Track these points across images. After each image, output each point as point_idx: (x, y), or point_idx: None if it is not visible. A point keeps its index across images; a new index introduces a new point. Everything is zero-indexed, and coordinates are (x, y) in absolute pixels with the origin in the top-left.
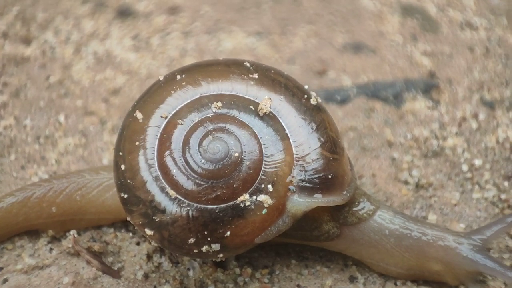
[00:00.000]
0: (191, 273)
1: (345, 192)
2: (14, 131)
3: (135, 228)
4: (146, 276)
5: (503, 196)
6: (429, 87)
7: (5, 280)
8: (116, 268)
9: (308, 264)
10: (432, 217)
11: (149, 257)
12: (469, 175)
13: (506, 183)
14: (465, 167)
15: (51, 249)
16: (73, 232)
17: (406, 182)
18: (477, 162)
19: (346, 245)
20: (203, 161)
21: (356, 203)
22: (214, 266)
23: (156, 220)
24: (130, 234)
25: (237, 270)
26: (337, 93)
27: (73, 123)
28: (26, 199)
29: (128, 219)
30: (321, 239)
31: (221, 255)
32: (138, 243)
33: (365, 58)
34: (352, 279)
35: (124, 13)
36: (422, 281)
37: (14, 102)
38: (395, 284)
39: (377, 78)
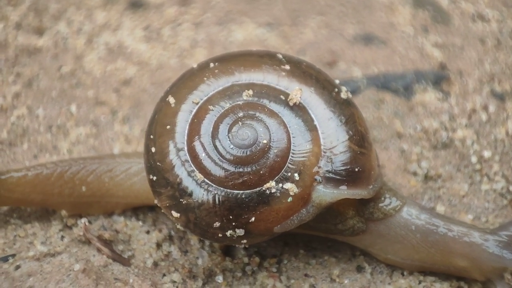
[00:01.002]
0: (200, 261)
1: (371, 187)
2: (27, 121)
3: (162, 211)
4: (155, 264)
5: (511, 188)
6: (439, 79)
7: (18, 267)
8: (126, 256)
9: (316, 254)
10: (440, 208)
11: (158, 245)
12: (478, 166)
13: None
14: (474, 159)
15: (62, 237)
16: (84, 220)
17: (415, 174)
18: (486, 153)
19: (372, 240)
20: (231, 146)
21: (383, 199)
22: (223, 255)
23: (183, 202)
24: (140, 223)
25: (245, 259)
26: (347, 84)
27: (84, 113)
28: (63, 172)
29: (156, 201)
30: (346, 234)
31: (244, 241)
32: (148, 232)
33: (376, 50)
34: (360, 269)
35: (136, 4)
36: (429, 272)
37: (26, 92)
38: (402, 274)
39: (387, 69)
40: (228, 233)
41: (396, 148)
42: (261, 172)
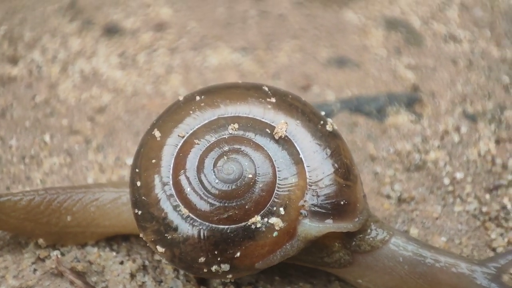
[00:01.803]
0: None
1: (356, 219)
2: (0, 152)
3: (147, 244)
4: None
5: (484, 209)
6: (412, 101)
7: None
8: None
9: (292, 280)
10: (413, 231)
11: (132, 276)
12: (450, 188)
13: (487, 196)
14: (446, 181)
15: (35, 270)
16: (56, 252)
17: (388, 197)
18: (459, 175)
19: (361, 272)
20: (217, 181)
21: (369, 231)
22: (197, 284)
23: (168, 237)
24: (114, 253)
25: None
26: (321, 108)
27: (58, 142)
28: (51, 200)
29: (141, 235)
30: (333, 266)
31: (230, 276)
32: (121, 262)
33: (349, 72)
34: None
35: (111, 31)
36: None
37: (0, 122)
38: None
39: (361, 92)
40: (214, 268)
41: (370, 171)
42: (247, 206)
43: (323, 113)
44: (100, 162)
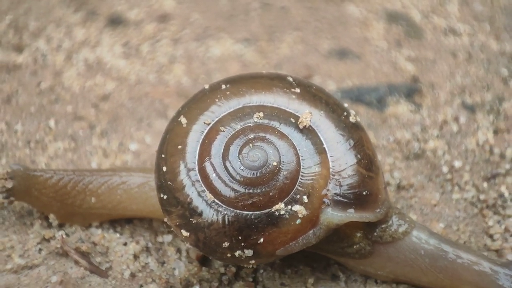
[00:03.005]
0: (176, 272)
1: (378, 210)
2: (5, 136)
3: (172, 229)
4: (133, 275)
5: (482, 197)
6: (411, 92)
7: None
8: (103, 268)
9: (292, 263)
10: (412, 217)
11: (136, 257)
12: (449, 176)
13: (485, 184)
14: (445, 169)
15: (40, 250)
16: (61, 232)
17: (387, 184)
18: (457, 163)
19: (382, 264)
20: (242, 167)
21: (391, 222)
22: (200, 265)
23: (193, 222)
24: (118, 235)
25: (222, 269)
26: None
27: (63, 128)
28: (77, 182)
29: (165, 219)
30: (354, 257)
31: (253, 261)
32: (125, 244)
33: (350, 64)
34: (334, 278)
35: (115, 21)
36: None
37: (5, 108)
38: (376, 282)
39: (361, 83)
40: (237, 253)
41: None
42: (271, 193)
43: (346, 105)
44: (104, 147)
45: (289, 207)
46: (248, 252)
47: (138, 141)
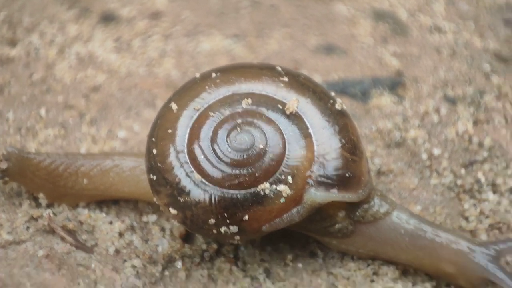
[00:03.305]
0: (160, 249)
1: (360, 191)
2: None
3: (157, 209)
4: (117, 251)
5: (459, 182)
6: (395, 84)
7: None
8: (89, 245)
9: (272, 241)
10: None
11: (121, 235)
12: (428, 163)
13: (462, 171)
14: (424, 156)
15: (28, 227)
16: (48, 211)
17: None
18: (436, 151)
19: (363, 242)
20: (229, 150)
21: (373, 203)
22: (182, 242)
23: (181, 201)
24: (104, 214)
25: (204, 246)
26: None
27: (53, 116)
28: (69, 164)
29: (154, 199)
30: (337, 236)
31: (237, 237)
32: (111, 223)
33: (337, 59)
34: (313, 255)
35: (108, 18)
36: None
37: None
38: (352, 258)
39: (347, 76)
40: (223, 229)
41: None
42: (256, 174)
43: (332, 93)
44: (93, 134)
45: (274, 186)
46: (233, 229)
47: (127, 128)
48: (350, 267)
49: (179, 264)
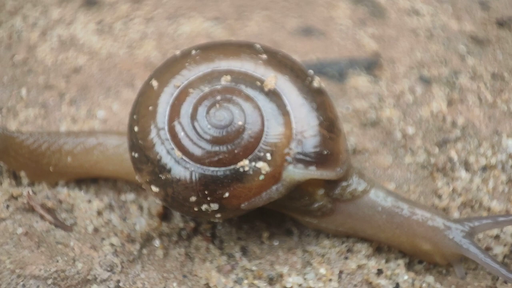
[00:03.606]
0: (137, 227)
1: (338, 169)
2: None
3: (142, 186)
4: (96, 230)
5: (432, 160)
6: (372, 65)
7: None
8: (68, 224)
9: (249, 219)
10: None
11: (99, 213)
12: (402, 142)
13: (436, 149)
14: (399, 135)
15: (8, 206)
16: (28, 189)
17: None
18: (411, 130)
19: (342, 220)
20: (209, 126)
21: (351, 181)
22: (160, 221)
23: (162, 178)
24: (83, 193)
25: (181, 225)
26: None
27: (33, 96)
28: (52, 143)
29: (137, 177)
30: (317, 215)
31: (218, 215)
32: (89, 201)
33: (315, 40)
34: (288, 233)
35: (91, 2)
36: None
37: None
38: (327, 236)
39: (324, 57)
40: (203, 207)
41: None
42: (236, 151)
43: (311, 71)
44: (73, 114)
45: (253, 163)
46: (214, 206)
47: (106, 108)
48: (325, 244)
49: (157, 242)
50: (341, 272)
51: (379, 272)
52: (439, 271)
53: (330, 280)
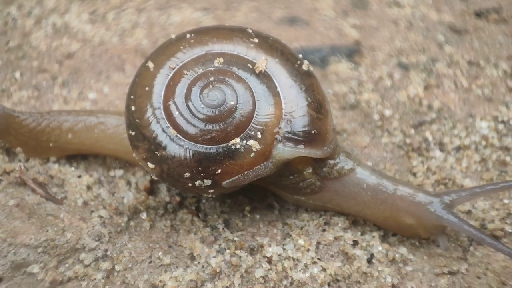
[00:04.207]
0: (125, 200)
1: (326, 148)
2: None
3: (139, 163)
4: (85, 203)
5: (408, 141)
6: (352, 52)
7: None
8: (59, 198)
9: (232, 194)
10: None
11: (89, 188)
12: (380, 123)
13: (412, 131)
14: (376, 117)
15: (0, 180)
16: (20, 164)
17: None
18: (388, 112)
19: (329, 197)
20: (202, 106)
21: (338, 160)
22: (147, 195)
23: (158, 155)
24: (73, 169)
25: (167, 198)
26: None
27: (27, 79)
28: (51, 120)
29: (134, 154)
30: (307, 192)
31: (211, 191)
32: (79, 176)
33: (299, 30)
34: (270, 207)
35: None
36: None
37: None
38: (306, 210)
39: (308, 45)
40: (197, 183)
41: None
42: (228, 129)
43: (300, 55)
44: (65, 96)
45: (244, 141)
46: (207, 182)
47: (97, 91)
48: (304, 217)
49: (143, 215)
50: (318, 243)
51: (355, 243)
52: (412, 243)
53: (308, 250)
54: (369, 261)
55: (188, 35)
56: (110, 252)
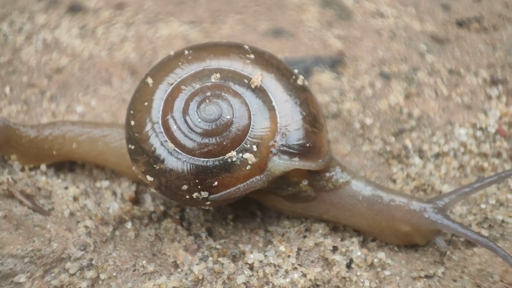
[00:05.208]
0: (111, 210)
1: (320, 160)
2: None
3: (139, 176)
4: (72, 214)
5: (388, 148)
6: (335, 63)
7: None
8: (46, 209)
9: None
10: None
11: (75, 199)
12: (361, 132)
13: (392, 138)
14: (358, 125)
15: None
16: (8, 176)
17: None
18: (369, 121)
19: (326, 209)
20: (199, 120)
21: (333, 173)
22: (132, 205)
23: (156, 168)
24: (60, 180)
25: (152, 208)
26: None
27: (17, 94)
28: (55, 129)
29: (133, 168)
30: (302, 203)
31: (208, 203)
32: (66, 188)
33: (284, 41)
34: (252, 215)
35: (75, 9)
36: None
37: None
38: (288, 217)
39: (292, 56)
40: (194, 195)
41: None
42: (224, 143)
43: (296, 71)
44: (53, 110)
45: (240, 155)
46: (204, 194)
47: (84, 104)
48: (285, 224)
49: (129, 224)
50: (299, 249)
51: (335, 249)
52: (391, 248)
53: (289, 256)
54: (348, 266)
55: (186, 52)
56: (95, 261)
